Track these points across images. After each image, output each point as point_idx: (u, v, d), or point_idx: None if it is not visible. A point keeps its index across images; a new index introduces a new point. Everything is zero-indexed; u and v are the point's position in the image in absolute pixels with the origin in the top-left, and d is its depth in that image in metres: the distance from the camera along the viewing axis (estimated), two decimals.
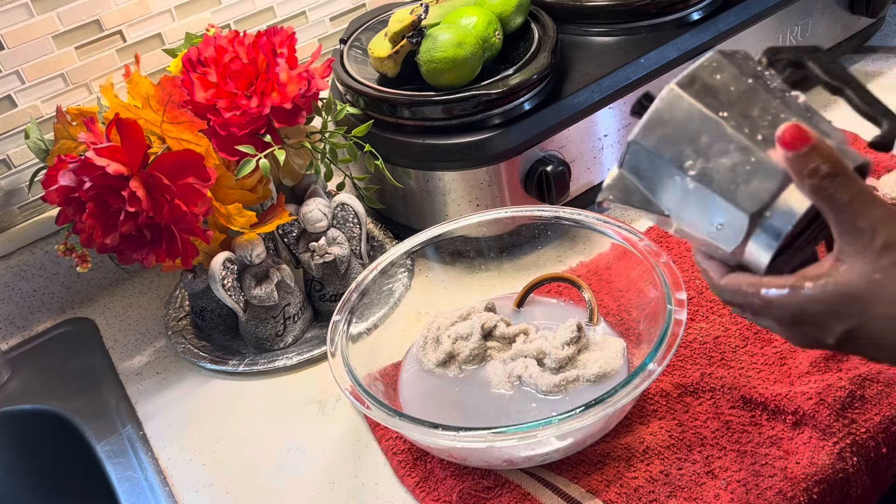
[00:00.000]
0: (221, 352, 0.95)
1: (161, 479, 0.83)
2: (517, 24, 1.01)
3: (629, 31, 1.03)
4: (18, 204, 1.03)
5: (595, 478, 0.73)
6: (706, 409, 0.77)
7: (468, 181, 0.94)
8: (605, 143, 1.00)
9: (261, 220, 0.90)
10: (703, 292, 0.88)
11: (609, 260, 0.86)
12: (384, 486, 0.78)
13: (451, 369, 0.83)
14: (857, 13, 1.15)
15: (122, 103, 0.84)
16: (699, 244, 0.59)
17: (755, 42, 1.07)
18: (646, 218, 0.60)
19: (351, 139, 0.93)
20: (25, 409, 0.95)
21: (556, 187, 0.93)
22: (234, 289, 0.89)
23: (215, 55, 0.86)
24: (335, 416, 0.86)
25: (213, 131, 0.85)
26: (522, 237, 0.91)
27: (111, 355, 1.00)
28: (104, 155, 0.78)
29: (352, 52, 1.04)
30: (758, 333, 0.83)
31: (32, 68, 0.99)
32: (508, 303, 0.89)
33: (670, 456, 0.74)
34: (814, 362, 0.78)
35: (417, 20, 0.94)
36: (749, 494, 0.70)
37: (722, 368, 0.80)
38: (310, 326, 0.97)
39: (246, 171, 0.84)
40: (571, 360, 0.79)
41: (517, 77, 0.93)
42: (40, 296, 1.06)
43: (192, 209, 0.81)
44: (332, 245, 0.93)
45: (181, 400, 0.92)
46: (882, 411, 0.74)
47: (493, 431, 0.67)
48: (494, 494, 0.74)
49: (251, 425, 0.87)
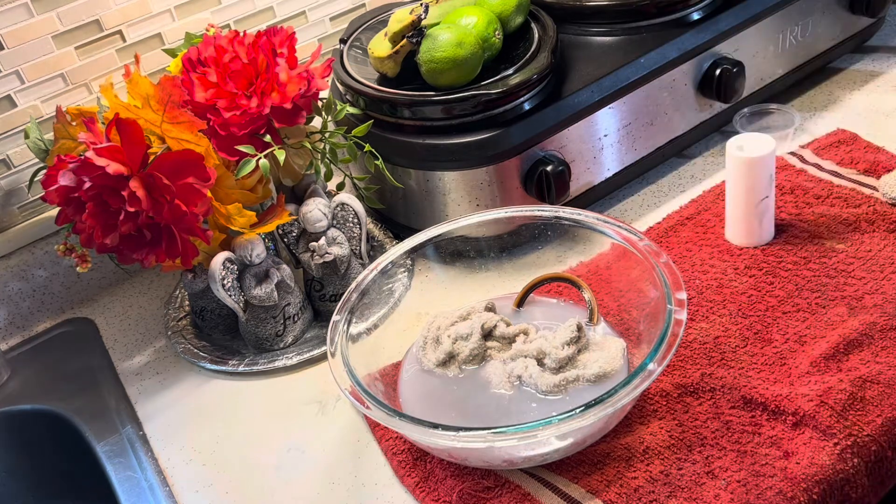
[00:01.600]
0: (221, 352, 0.95)
1: (161, 479, 0.83)
2: (517, 23, 1.01)
3: (629, 31, 1.03)
4: (18, 204, 1.03)
5: (595, 478, 0.73)
6: (706, 409, 0.77)
7: (468, 181, 0.94)
8: (605, 143, 1.00)
9: (261, 220, 0.90)
10: (703, 292, 0.88)
11: (609, 260, 0.86)
12: (384, 486, 0.78)
13: (451, 369, 0.83)
14: (857, 13, 1.15)
15: (122, 103, 0.84)
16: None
17: (755, 42, 1.07)
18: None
19: (351, 139, 0.93)
20: (25, 409, 0.95)
21: (556, 187, 0.93)
22: (234, 289, 0.89)
23: (215, 55, 0.86)
24: (335, 416, 0.86)
25: (213, 131, 0.85)
26: (522, 237, 0.91)
27: (111, 355, 1.00)
28: (104, 155, 0.78)
29: (352, 52, 1.04)
30: (758, 333, 0.83)
31: (32, 68, 0.99)
32: (508, 303, 0.89)
33: (670, 456, 0.74)
34: (814, 363, 0.78)
35: (417, 20, 0.94)
36: (749, 494, 0.70)
37: (722, 368, 0.80)
38: (310, 326, 0.97)
39: (246, 171, 0.84)
40: (571, 360, 0.79)
41: (517, 77, 0.93)
42: (40, 296, 1.06)
43: (192, 209, 0.81)
44: (332, 245, 0.93)
45: (181, 400, 0.92)
46: (883, 413, 0.74)
47: (493, 431, 0.67)
48: (494, 494, 0.74)
49: (251, 425, 0.87)
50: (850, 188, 0.96)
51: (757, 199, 0.89)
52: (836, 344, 0.79)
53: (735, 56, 1.05)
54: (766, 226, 0.91)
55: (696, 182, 1.06)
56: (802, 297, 0.85)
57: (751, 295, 0.87)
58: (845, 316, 0.82)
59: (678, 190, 1.05)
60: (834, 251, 0.89)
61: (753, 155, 0.87)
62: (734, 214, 0.92)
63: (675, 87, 1.02)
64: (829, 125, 1.08)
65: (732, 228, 0.93)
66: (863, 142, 1.02)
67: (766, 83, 1.11)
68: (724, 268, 0.90)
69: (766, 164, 0.87)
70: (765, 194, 0.89)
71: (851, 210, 0.93)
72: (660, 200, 1.04)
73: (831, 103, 1.12)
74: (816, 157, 1.02)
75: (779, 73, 1.12)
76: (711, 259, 0.92)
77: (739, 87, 1.05)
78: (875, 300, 0.83)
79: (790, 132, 1.04)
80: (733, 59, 1.04)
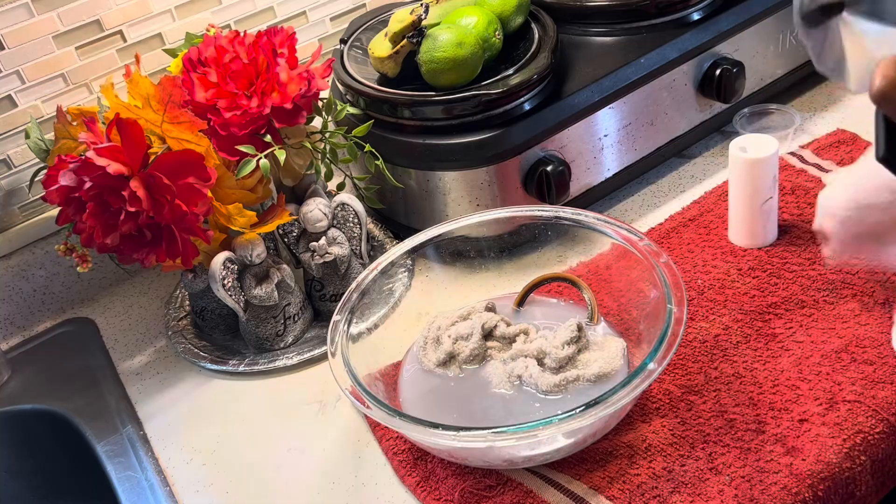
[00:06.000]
0: (221, 352, 0.95)
1: (161, 479, 0.83)
2: (517, 24, 1.02)
3: (629, 31, 1.03)
4: (19, 204, 1.03)
5: (598, 475, 0.73)
6: (709, 406, 0.77)
7: (468, 181, 0.94)
8: (605, 143, 1.00)
9: (261, 219, 0.90)
10: (703, 292, 0.88)
11: (609, 260, 0.86)
12: (384, 485, 0.78)
13: (452, 369, 0.83)
14: None
15: (123, 103, 0.84)
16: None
17: (755, 42, 1.07)
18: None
19: (351, 139, 0.93)
20: (25, 409, 0.95)
21: (556, 187, 0.93)
22: (235, 289, 0.89)
23: (215, 55, 0.86)
24: (335, 416, 0.86)
25: (213, 131, 0.85)
26: (522, 237, 0.91)
27: (111, 355, 1.00)
28: (104, 155, 0.78)
29: (352, 52, 1.04)
30: (759, 331, 0.83)
31: (33, 68, 0.99)
32: (508, 303, 0.89)
33: (673, 453, 0.74)
34: (821, 361, 0.78)
35: (418, 20, 0.94)
36: (753, 490, 0.70)
37: (724, 366, 0.80)
38: (310, 326, 0.96)
39: (246, 171, 0.84)
40: (571, 360, 0.79)
41: (517, 77, 0.93)
42: (40, 296, 1.06)
43: (193, 209, 0.81)
44: (333, 245, 0.93)
45: (181, 400, 0.92)
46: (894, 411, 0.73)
47: (493, 431, 0.67)
48: (497, 493, 0.74)
49: (251, 425, 0.87)
50: None
51: (760, 200, 0.89)
52: (848, 340, 0.79)
53: (735, 56, 1.05)
54: (769, 227, 0.91)
55: (697, 182, 1.06)
56: (809, 294, 0.85)
57: (753, 295, 0.86)
58: (857, 311, 0.82)
59: (678, 190, 1.05)
60: None
61: (757, 156, 0.87)
62: (737, 216, 0.92)
63: (675, 87, 1.03)
64: (829, 125, 1.08)
65: (735, 230, 0.93)
66: (863, 142, 1.02)
67: (766, 83, 1.11)
68: (726, 268, 0.90)
69: (770, 165, 0.87)
70: (768, 195, 0.89)
71: None
72: (660, 200, 1.04)
73: (831, 103, 1.12)
74: (817, 158, 1.02)
75: (779, 73, 1.12)
76: (714, 260, 0.92)
77: (739, 87, 1.05)
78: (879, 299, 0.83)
79: (790, 132, 1.04)
80: (733, 59, 1.04)
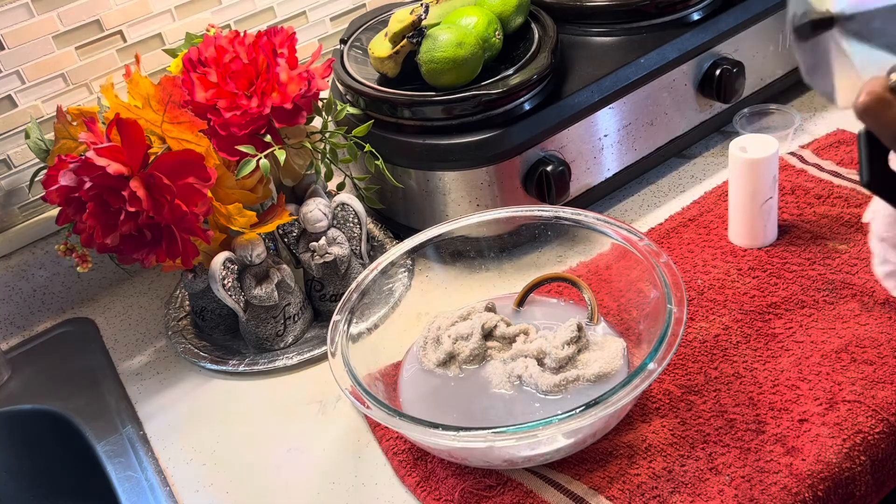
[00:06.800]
0: (221, 352, 0.95)
1: (161, 479, 0.83)
2: (517, 24, 1.02)
3: (629, 31, 1.03)
4: (19, 204, 1.03)
5: (598, 475, 0.73)
6: (709, 406, 0.77)
7: (468, 181, 0.94)
8: (605, 143, 1.00)
9: (261, 220, 0.90)
10: (703, 292, 0.88)
11: (609, 260, 0.86)
12: (384, 485, 0.78)
13: (452, 369, 0.83)
14: None
15: (123, 103, 0.84)
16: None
17: (755, 42, 1.07)
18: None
19: (351, 139, 0.93)
20: (25, 409, 0.95)
21: (556, 187, 0.93)
22: (235, 289, 0.89)
23: (215, 55, 0.86)
24: (335, 416, 0.86)
25: (213, 131, 0.85)
26: (522, 237, 0.91)
27: (111, 355, 1.00)
28: (104, 155, 0.78)
29: (352, 52, 1.04)
30: (759, 331, 0.83)
31: (33, 68, 0.99)
32: (508, 303, 0.89)
33: (673, 453, 0.74)
34: (821, 361, 0.78)
35: (417, 20, 0.94)
36: (753, 490, 0.70)
37: (724, 366, 0.80)
38: (310, 326, 0.96)
39: (246, 171, 0.84)
40: (571, 360, 0.79)
41: (517, 77, 0.93)
42: (40, 296, 1.06)
43: (193, 209, 0.81)
44: (333, 245, 0.93)
45: (181, 400, 0.92)
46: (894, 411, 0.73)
47: (493, 431, 0.67)
48: (497, 493, 0.74)
49: (251, 425, 0.87)
50: (851, 188, 0.96)
51: (761, 200, 0.89)
52: (848, 340, 0.79)
53: (735, 56, 1.05)
54: (769, 227, 0.91)
55: (696, 182, 1.06)
56: (808, 294, 0.85)
57: (753, 295, 0.86)
58: (857, 311, 0.82)
59: (678, 190, 1.05)
60: (836, 252, 0.89)
61: (757, 156, 0.87)
62: (737, 216, 0.92)
63: (675, 87, 1.03)
64: (829, 125, 1.08)
65: (735, 230, 0.93)
66: None
67: (766, 83, 1.11)
68: (726, 268, 0.90)
69: (770, 166, 0.87)
70: (768, 195, 0.89)
71: (852, 210, 0.93)
72: (660, 200, 1.04)
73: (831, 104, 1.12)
74: (816, 158, 1.02)
75: (779, 73, 1.12)
76: (714, 260, 0.92)
77: (739, 87, 1.05)
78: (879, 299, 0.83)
79: (790, 132, 1.04)
80: (733, 59, 1.04)
